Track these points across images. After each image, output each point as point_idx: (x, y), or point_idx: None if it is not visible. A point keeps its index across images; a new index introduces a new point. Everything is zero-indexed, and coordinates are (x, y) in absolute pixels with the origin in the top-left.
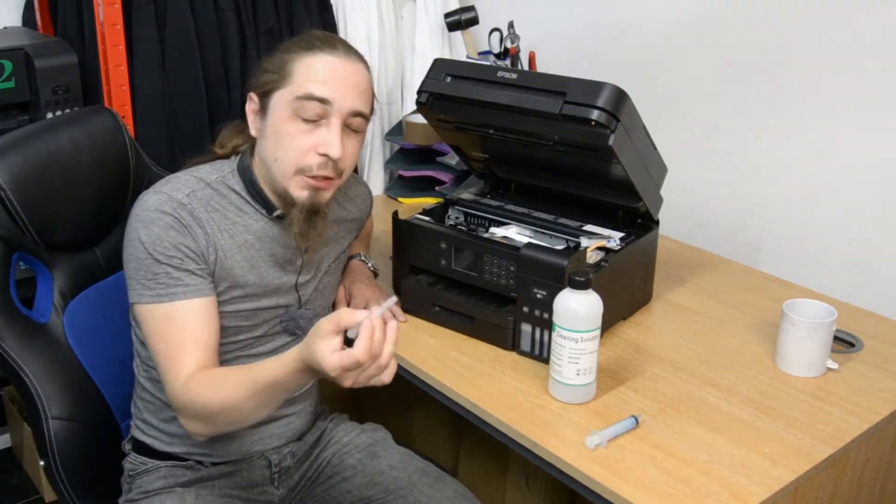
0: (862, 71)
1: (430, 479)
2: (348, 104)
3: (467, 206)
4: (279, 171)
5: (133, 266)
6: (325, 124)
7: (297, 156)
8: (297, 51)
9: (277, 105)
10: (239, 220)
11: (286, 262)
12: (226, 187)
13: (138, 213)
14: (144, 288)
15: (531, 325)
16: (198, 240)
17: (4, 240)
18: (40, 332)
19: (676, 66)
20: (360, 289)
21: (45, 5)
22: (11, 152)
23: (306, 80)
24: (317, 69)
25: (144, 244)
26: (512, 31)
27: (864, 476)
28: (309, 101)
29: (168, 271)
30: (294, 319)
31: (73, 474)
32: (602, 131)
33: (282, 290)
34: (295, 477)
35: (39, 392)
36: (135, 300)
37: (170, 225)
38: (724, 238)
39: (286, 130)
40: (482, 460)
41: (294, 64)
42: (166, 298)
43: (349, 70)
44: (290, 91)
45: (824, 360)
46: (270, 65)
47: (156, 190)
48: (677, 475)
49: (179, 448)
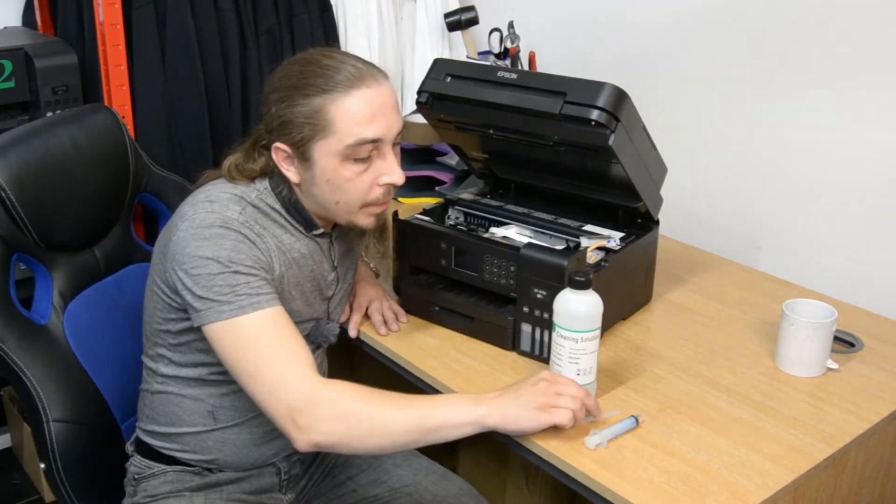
0: (863, 72)
1: (435, 476)
2: (395, 130)
3: (467, 206)
4: (343, 210)
5: (203, 286)
6: (378, 156)
7: (361, 195)
8: (322, 94)
9: (324, 156)
10: (285, 238)
11: (322, 278)
12: (266, 206)
13: (196, 233)
14: (223, 304)
15: (531, 325)
16: (265, 254)
17: (4, 240)
18: (40, 333)
19: (676, 66)
20: (363, 288)
21: (45, 5)
22: (11, 152)
23: (352, 126)
24: (358, 111)
25: (218, 259)
26: (512, 31)
27: (864, 476)
28: (361, 145)
29: (248, 281)
30: (324, 334)
31: (74, 477)
32: (602, 131)
33: (317, 305)
34: (302, 481)
35: (40, 394)
36: (212, 319)
37: (240, 240)
38: (724, 238)
39: (342, 177)
40: (482, 460)
41: (328, 111)
42: (250, 309)
43: (383, 95)
44: (336, 141)
45: (824, 360)
46: (295, 115)
47: (205, 210)
48: (677, 475)
49: (189, 456)
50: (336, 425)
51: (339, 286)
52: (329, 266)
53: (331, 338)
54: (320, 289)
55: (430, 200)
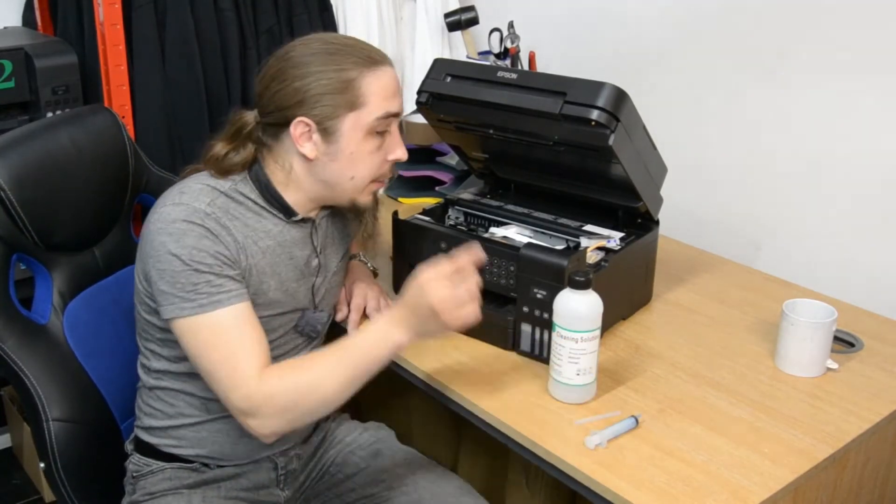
0: (863, 71)
1: (433, 475)
2: (402, 108)
3: (467, 206)
4: (355, 185)
5: (168, 281)
6: (389, 132)
7: (375, 169)
8: (356, 67)
9: (351, 129)
10: (259, 227)
11: (304, 265)
12: (240, 195)
13: (163, 227)
14: (185, 301)
15: (531, 325)
16: (229, 247)
17: (4, 240)
18: (40, 333)
19: (676, 67)
20: (360, 287)
21: (45, 5)
22: (11, 152)
23: (382, 100)
24: (386, 86)
25: (180, 256)
26: (512, 31)
27: (864, 476)
28: (387, 118)
29: (209, 279)
30: (311, 323)
31: (73, 476)
32: (602, 131)
33: (299, 294)
34: (300, 478)
35: (40, 394)
36: (175, 314)
37: (202, 234)
38: (724, 238)
39: (365, 150)
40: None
41: (360, 85)
42: (210, 308)
43: (396, 75)
44: (366, 113)
45: (824, 360)
46: (326, 88)
47: (174, 202)
48: (677, 475)
49: (187, 451)
50: (280, 419)
51: (323, 273)
52: (311, 252)
53: (318, 327)
54: (303, 276)
55: (430, 200)
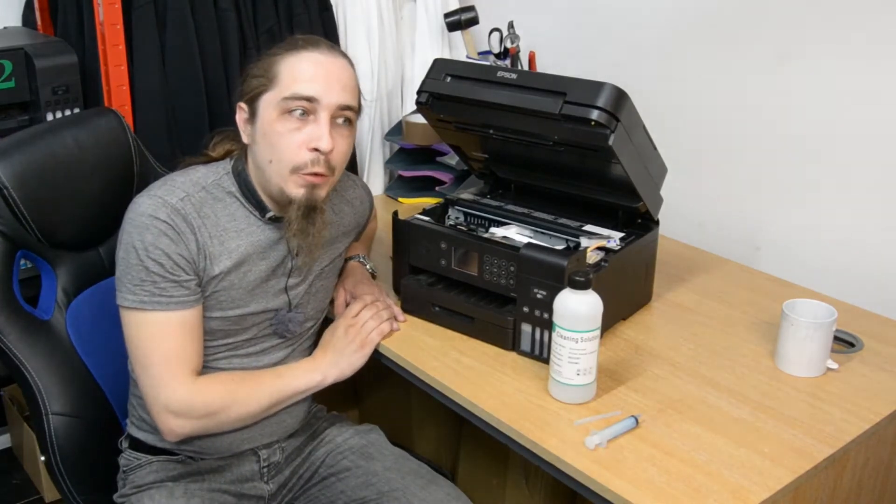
0: (864, 71)
1: (423, 481)
2: (335, 99)
3: (467, 206)
4: (275, 172)
5: (122, 269)
6: (313, 121)
7: (291, 154)
8: (281, 53)
9: (265, 108)
10: (230, 226)
11: (277, 266)
12: (221, 190)
13: (132, 218)
14: (129, 292)
15: (531, 325)
16: (189, 247)
17: (8, 237)
18: (43, 328)
19: (676, 66)
20: (361, 290)
21: (45, 5)
22: (16, 152)
23: (292, 81)
24: (302, 68)
25: (137, 250)
26: (512, 31)
27: (864, 476)
28: (296, 100)
29: (156, 281)
30: (284, 323)
31: (73, 470)
32: (602, 131)
33: (271, 294)
34: (286, 472)
35: (40, 387)
36: (120, 302)
37: (163, 232)
38: (724, 238)
39: (276, 130)
40: (482, 460)
41: (278, 66)
42: (150, 306)
43: (333, 66)
44: (277, 93)
45: (824, 360)
46: (256, 70)
47: (150, 193)
48: (677, 475)
49: (172, 444)
50: (199, 423)
51: (303, 278)
52: (286, 254)
53: (291, 327)
54: (275, 276)
55: (430, 200)
